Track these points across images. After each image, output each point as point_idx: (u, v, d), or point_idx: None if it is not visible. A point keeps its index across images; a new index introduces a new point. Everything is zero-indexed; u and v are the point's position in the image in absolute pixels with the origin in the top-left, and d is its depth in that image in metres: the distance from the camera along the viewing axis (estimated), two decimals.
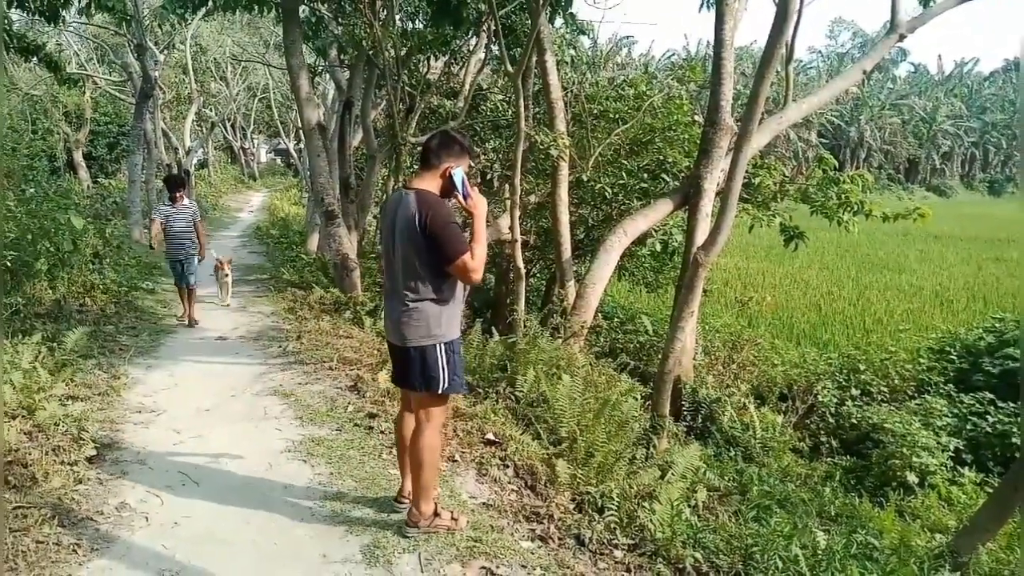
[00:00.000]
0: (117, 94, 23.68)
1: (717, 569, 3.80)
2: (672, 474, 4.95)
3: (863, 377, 9.87)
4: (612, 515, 4.17)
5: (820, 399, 9.14)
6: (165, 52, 20.89)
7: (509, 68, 7.10)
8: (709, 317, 12.50)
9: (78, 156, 24.32)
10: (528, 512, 4.06)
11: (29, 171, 23.26)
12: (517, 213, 7.35)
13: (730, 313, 12.62)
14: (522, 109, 7.26)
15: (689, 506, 4.68)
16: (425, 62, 13.14)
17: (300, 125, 16.93)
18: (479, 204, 3.45)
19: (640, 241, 9.81)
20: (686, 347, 8.19)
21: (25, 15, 11.37)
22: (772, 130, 8.42)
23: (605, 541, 3.95)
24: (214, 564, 3.38)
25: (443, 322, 3.44)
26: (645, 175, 9.75)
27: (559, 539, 3.85)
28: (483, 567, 3.40)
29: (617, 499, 4.26)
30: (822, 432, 8.88)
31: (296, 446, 4.83)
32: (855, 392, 9.57)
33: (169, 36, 21.07)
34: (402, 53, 11.22)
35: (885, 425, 8.40)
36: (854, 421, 8.92)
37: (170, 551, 3.49)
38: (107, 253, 10.90)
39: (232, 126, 40.63)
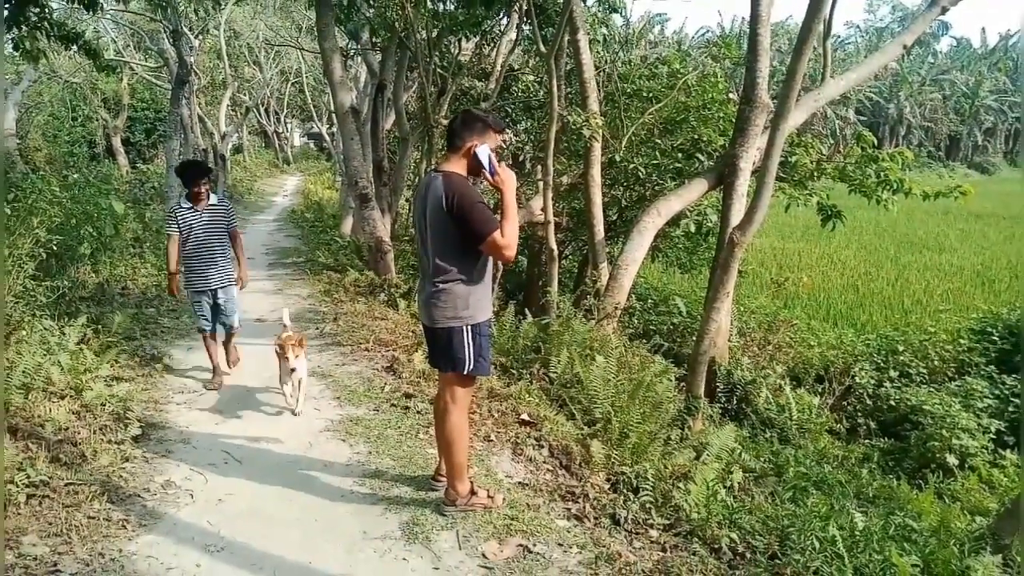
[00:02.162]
0: (154, 80, 24.00)
1: (753, 550, 3.80)
2: (707, 455, 4.95)
3: (902, 358, 9.73)
4: (647, 495, 4.18)
5: (857, 380, 9.04)
6: (200, 38, 21.09)
7: (542, 48, 7.05)
8: (744, 298, 12.37)
9: (116, 142, 24.73)
10: (563, 491, 4.10)
11: (70, 157, 23.81)
12: (550, 194, 7.33)
13: (766, 294, 12.49)
14: (555, 89, 7.22)
15: (724, 487, 4.68)
16: (456, 43, 13.11)
17: (333, 109, 17.03)
18: (507, 180, 3.43)
19: (674, 222, 9.72)
20: (721, 328, 8.13)
21: (64, 3, 11.50)
22: (809, 107, 8.27)
23: (640, 521, 3.96)
24: (258, 540, 3.47)
25: (471, 304, 3.47)
26: (679, 154, 9.65)
27: (595, 518, 3.88)
28: (520, 544, 3.44)
29: (652, 479, 4.28)
30: (859, 414, 8.79)
31: (335, 425, 4.92)
32: (893, 373, 9.44)
33: (204, 22, 21.26)
34: (433, 35, 11.20)
35: (924, 407, 8.28)
36: (892, 403, 8.81)
37: (215, 527, 3.59)
38: (147, 237, 11.10)
39: (266, 111, 40.94)
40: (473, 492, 3.70)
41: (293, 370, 4.94)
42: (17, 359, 4.75)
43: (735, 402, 7.94)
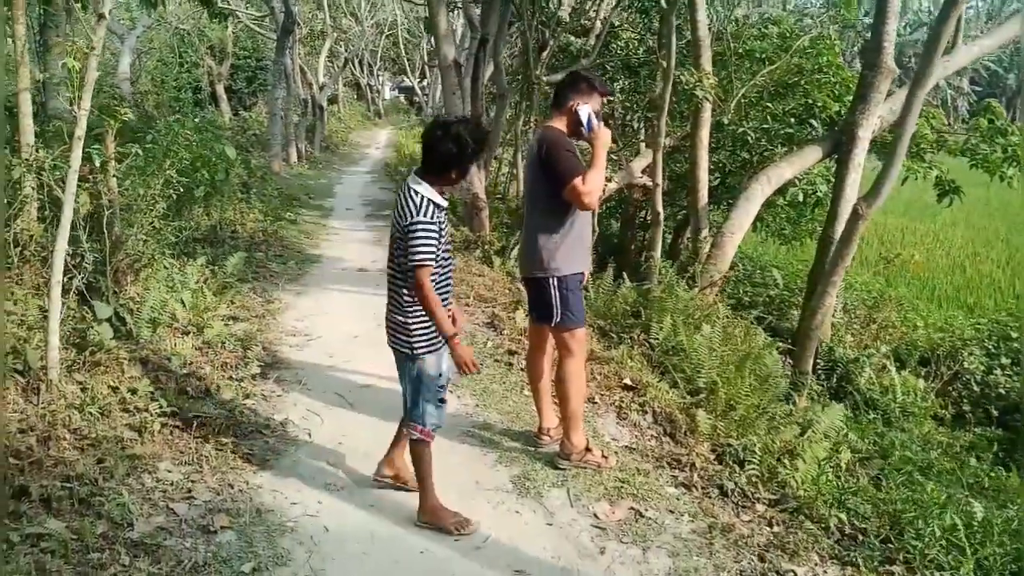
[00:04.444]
0: (257, 29, 24.51)
1: (863, 532, 3.71)
2: (814, 432, 4.84)
3: (1015, 345, 9.23)
4: (753, 469, 4.13)
5: (966, 366, 8.63)
6: None
7: (663, 3, 6.86)
8: (847, 274, 11.94)
9: (220, 89, 25.45)
10: (670, 459, 4.08)
11: (176, 102, 24.65)
12: (660, 156, 7.18)
13: (870, 271, 12.01)
14: (673, 46, 7.02)
15: (832, 466, 4.59)
16: None
17: (426, 62, 16.96)
18: (601, 136, 3.57)
19: (780, 190, 9.41)
20: (832, 303, 7.89)
21: None
22: (937, 74, 7.80)
23: (748, 494, 3.92)
24: (374, 484, 3.57)
25: (557, 256, 3.59)
26: (791, 119, 9.29)
27: (702, 488, 3.85)
28: (632, 507, 3.45)
29: (759, 453, 4.21)
30: (966, 401, 8.40)
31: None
32: (1005, 360, 8.97)
33: None
34: None
35: None
36: (1002, 391, 8.39)
37: (334, 467, 3.72)
38: (253, 183, 11.44)
39: (359, 62, 41.40)
40: (588, 449, 3.74)
41: None
42: (145, 295, 4.98)
43: (835, 380, 7.70)
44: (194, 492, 3.31)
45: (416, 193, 3.07)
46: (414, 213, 3.01)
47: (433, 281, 3.05)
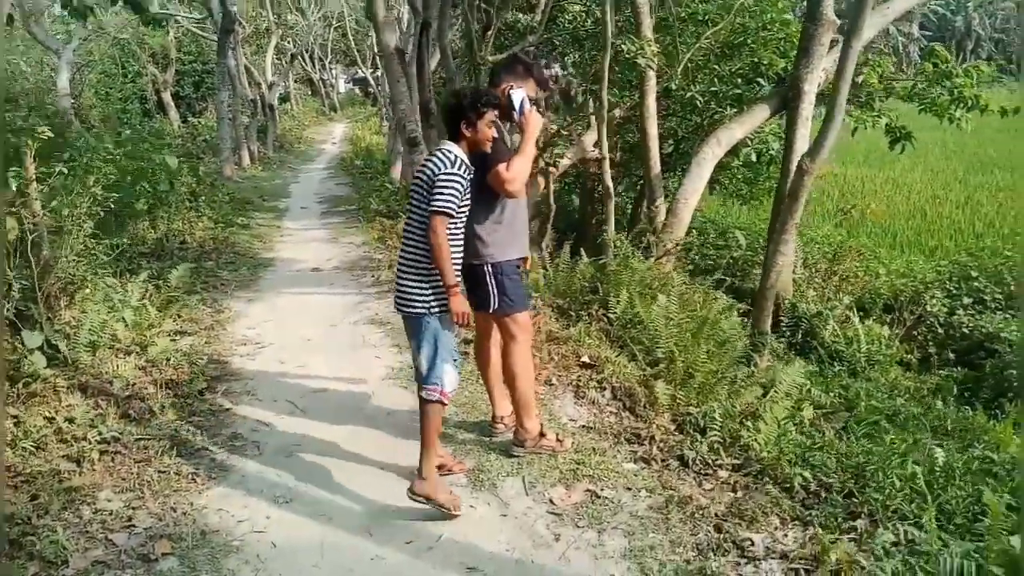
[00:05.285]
0: (199, 32, 23.97)
1: (828, 488, 3.68)
2: (776, 392, 4.80)
3: (975, 284, 9.29)
4: (715, 435, 4.08)
5: (928, 309, 8.67)
6: None
7: None
8: (807, 228, 11.95)
9: (167, 96, 24.90)
10: (629, 434, 4.02)
11: (123, 114, 24.10)
12: (604, 129, 7.08)
13: (831, 223, 12.03)
14: (609, 16, 6.91)
15: (795, 424, 4.56)
16: None
17: (377, 51, 16.73)
18: (532, 122, 3.48)
19: (733, 151, 9.35)
20: (786, 260, 7.87)
21: None
22: (877, 24, 7.76)
23: (709, 462, 3.87)
24: (325, 490, 3.48)
25: (491, 243, 3.51)
26: (738, 80, 9.21)
27: (662, 460, 3.80)
28: (587, 489, 3.38)
29: (720, 419, 4.17)
30: (931, 344, 8.45)
31: (396, 373, 4.92)
32: (967, 300, 9.03)
33: None
34: None
35: (1001, 334, 7.93)
36: (965, 331, 8.44)
37: (283, 478, 3.62)
38: (202, 191, 11.18)
39: (310, 58, 40.75)
40: (542, 434, 3.67)
41: None
42: (83, 317, 4.82)
43: (800, 336, 7.70)
44: (134, 520, 3.19)
45: (449, 151, 3.23)
46: (447, 165, 3.16)
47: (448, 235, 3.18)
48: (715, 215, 14.47)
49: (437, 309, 3.25)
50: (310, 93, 46.70)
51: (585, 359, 4.93)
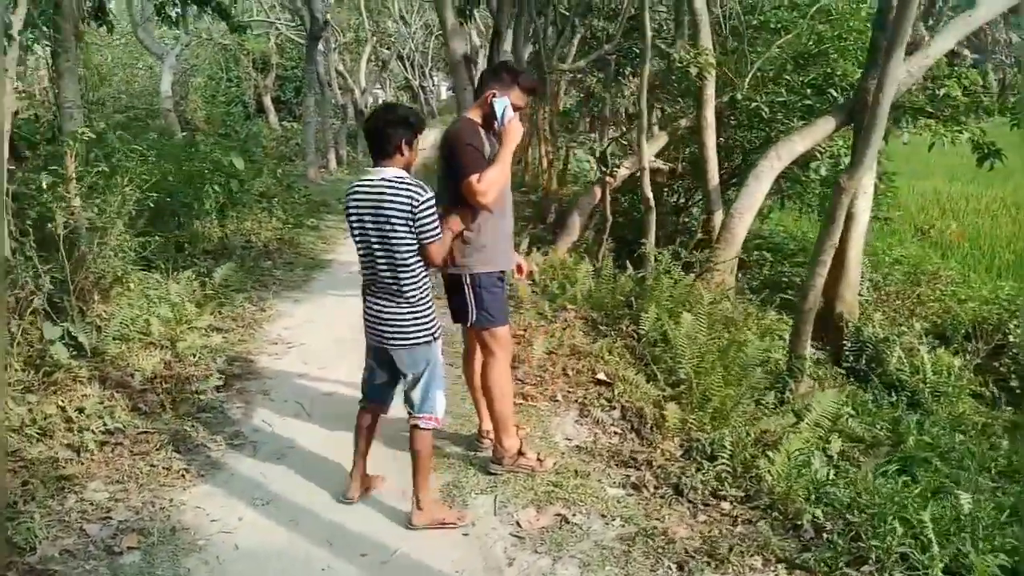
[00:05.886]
0: (298, 39, 24.87)
1: (843, 528, 3.41)
2: (805, 421, 4.53)
3: None
4: (723, 464, 3.87)
5: (1011, 339, 8.02)
6: None
7: None
8: (894, 247, 11.29)
9: (267, 101, 25.93)
10: (625, 457, 3.86)
11: (227, 116, 25.26)
12: (644, 139, 6.88)
13: (917, 243, 11.31)
14: (647, 23, 6.74)
15: (825, 456, 4.29)
16: None
17: (446, 58, 16.95)
18: (511, 131, 3.34)
19: (804, 164, 8.96)
20: (850, 281, 7.45)
21: None
22: (959, 31, 7.23)
23: (711, 491, 3.67)
24: (303, 496, 3.48)
25: (471, 252, 3.41)
26: (809, 91, 8.80)
27: (654, 487, 3.62)
28: (558, 514, 3.25)
29: (730, 447, 3.95)
30: (1013, 376, 7.81)
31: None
32: None
33: None
34: None
35: None
36: None
37: (268, 481, 3.64)
38: (277, 192, 11.54)
39: (411, 64, 41.64)
40: (521, 452, 3.56)
41: None
42: (116, 311, 5.02)
43: (864, 362, 7.26)
44: (112, 512, 3.27)
45: (402, 179, 3.02)
46: (422, 192, 2.99)
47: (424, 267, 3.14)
48: (796, 230, 13.90)
49: (438, 332, 3.21)
50: (411, 99, 47.74)
51: (601, 376, 4.78)
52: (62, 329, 4.36)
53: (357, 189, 3.10)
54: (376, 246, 3.06)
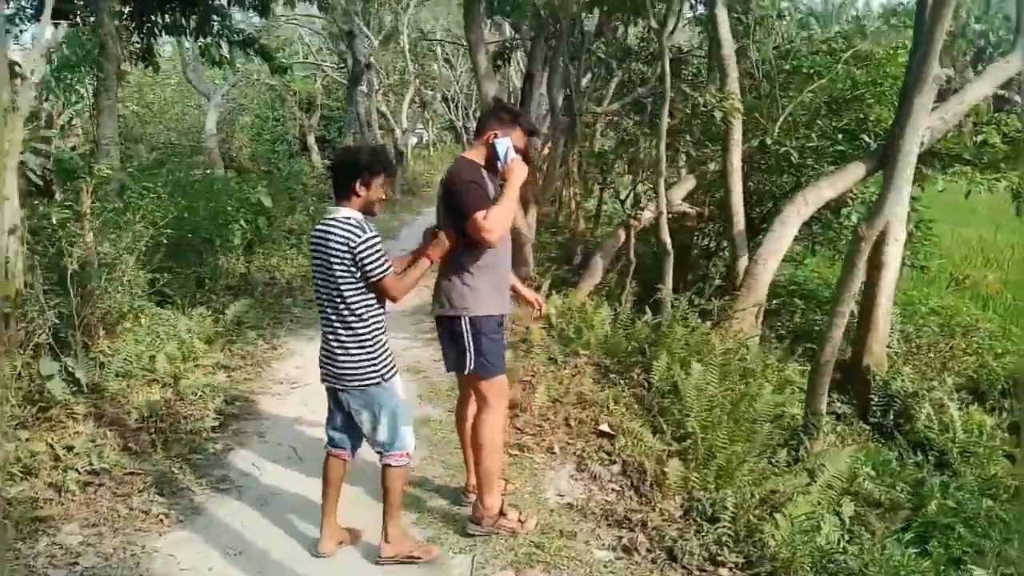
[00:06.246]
0: (342, 80, 25.43)
1: None
2: (817, 482, 4.30)
3: None
4: (724, 527, 3.67)
5: None
6: (384, 38, 22.06)
7: (653, 24, 6.51)
8: (931, 297, 10.90)
9: (311, 139, 26.45)
10: (619, 517, 3.67)
11: (272, 154, 25.81)
12: (662, 183, 6.75)
13: (953, 293, 10.90)
14: (666, 67, 6.65)
15: (839, 520, 4.06)
16: (624, 28, 12.63)
17: (477, 101, 17.03)
18: (515, 171, 3.26)
19: (836, 210, 8.74)
20: (879, 332, 7.17)
21: (241, 11, 12.36)
22: (995, 78, 7.02)
23: (709, 556, 3.48)
24: (276, 548, 3.38)
25: (469, 295, 3.30)
26: (840, 136, 8.60)
27: (647, 551, 3.44)
28: None
29: (732, 508, 3.75)
30: None
31: None
32: None
33: (391, 24, 22.26)
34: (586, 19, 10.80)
35: None
36: None
37: (246, 528, 3.55)
38: (308, 229, 11.64)
39: (456, 106, 42.25)
40: (503, 513, 3.39)
41: None
42: (121, 347, 5.02)
43: (891, 418, 6.95)
44: (81, 558, 3.20)
45: (348, 218, 3.00)
46: (362, 232, 2.96)
47: (372, 307, 3.14)
48: (833, 276, 13.55)
49: (390, 372, 3.15)
50: (454, 139, 48.34)
51: (604, 427, 4.61)
52: (59, 364, 4.36)
53: (316, 229, 3.10)
54: (321, 285, 3.09)
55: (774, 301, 9.07)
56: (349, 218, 3.00)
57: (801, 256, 10.97)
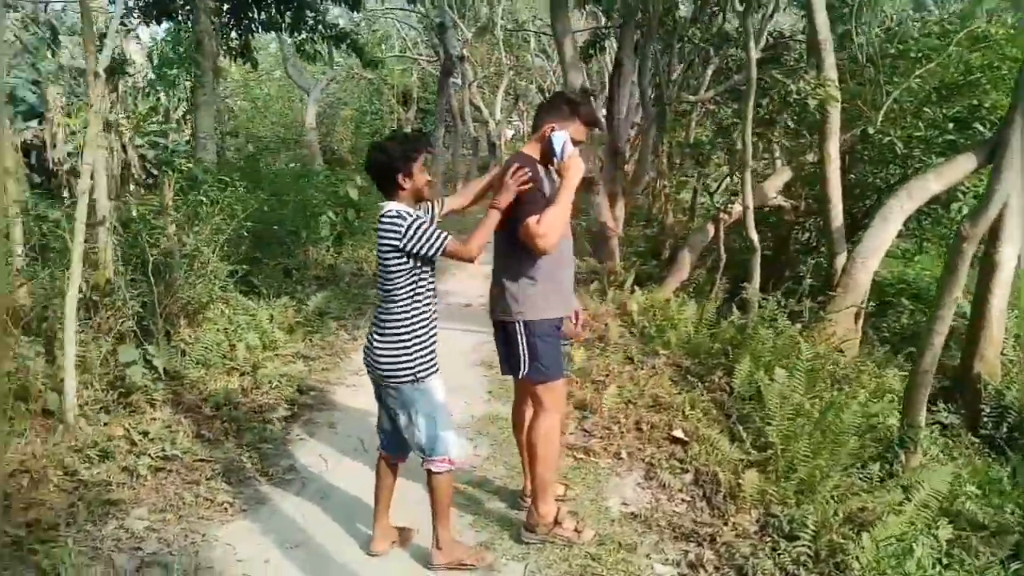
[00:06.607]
0: (437, 73, 25.69)
1: None
2: (912, 500, 3.96)
3: None
4: (804, 545, 3.42)
5: None
6: (479, 30, 22.13)
7: (737, 6, 6.15)
8: None
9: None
10: (687, 530, 3.47)
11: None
12: (748, 175, 6.38)
13: None
14: (751, 52, 6.29)
15: (935, 543, 3.73)
16: (721, 13, 12.19)
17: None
18: (571, 168, 3.04)
19: (947, 204, 8.12)
20: (992, 338, 6.61)
21: (335, 5, 12.61)
22: None
23: None
24: (333, 542, 3.35)
25: (525, 299, 3.14)
26: (950, 125, 7.97)
27: (715, 568, 3.23)
28: None
29: (814, 525, 3.49)
30: None
31: (473, 422, 4.74)
32: None
33: (487, 15, 22.32)
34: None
35: None
36: None
37: (305, 521, 3.54)
38: None
39: None
40: (558, 521, 3.25)
41: None
42: (202, 335, 5.15)
43: (1004, 431, 6.40)
44: (144, 542, 3.26)
45: (389, 212, 2.94)
46: (403, 221, 2.88)
47: (419, 302, 3.02)
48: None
49: (427, 371, 3.06)
50: None
51: (678, 433, 4.39)
52: (139, 352, 4.49)
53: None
54: (378, 277, 3.06)
55: (879, 301, 8.54)
56: (389, 211, 2.94)
57: (911, 253, 10.32)
